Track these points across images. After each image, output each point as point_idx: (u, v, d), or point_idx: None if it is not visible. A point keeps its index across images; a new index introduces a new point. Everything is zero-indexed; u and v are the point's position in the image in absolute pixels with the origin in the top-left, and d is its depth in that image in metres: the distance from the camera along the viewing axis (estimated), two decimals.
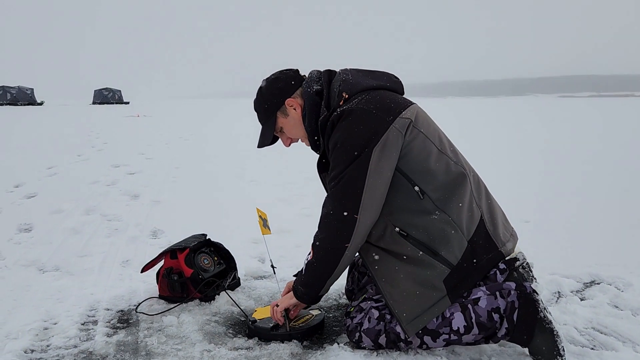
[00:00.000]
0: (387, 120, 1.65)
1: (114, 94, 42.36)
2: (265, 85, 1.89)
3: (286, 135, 1.94)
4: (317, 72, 1.89)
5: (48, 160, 6.87)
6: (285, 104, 1.86)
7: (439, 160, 1.69)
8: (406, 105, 1.73)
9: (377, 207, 1.68)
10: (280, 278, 2.49)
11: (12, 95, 35.32)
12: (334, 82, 1.80)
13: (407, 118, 1.68)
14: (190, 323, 1.99)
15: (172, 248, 2.27)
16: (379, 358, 1.70)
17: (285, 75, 1.88)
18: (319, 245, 1.75)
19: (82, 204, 4.20)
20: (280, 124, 1.91)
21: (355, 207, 1.65)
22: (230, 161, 6.82)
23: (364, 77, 1.80)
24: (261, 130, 1.94)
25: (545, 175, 5.71)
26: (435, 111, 9.99)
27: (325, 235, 1.73)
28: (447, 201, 1.67)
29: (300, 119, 1.86)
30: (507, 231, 1.82)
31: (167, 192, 4.79)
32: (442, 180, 1.68)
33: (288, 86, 1.86)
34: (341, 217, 1.67)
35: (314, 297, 1.84)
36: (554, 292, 2.28)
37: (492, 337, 1.66)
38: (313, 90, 1.82)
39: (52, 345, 1.84)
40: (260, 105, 1.90)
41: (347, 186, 1.65)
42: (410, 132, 1.67)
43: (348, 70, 1.84)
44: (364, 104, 1.68)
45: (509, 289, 1.65)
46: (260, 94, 1.90)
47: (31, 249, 2.97)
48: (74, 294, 2.30)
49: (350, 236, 1.67)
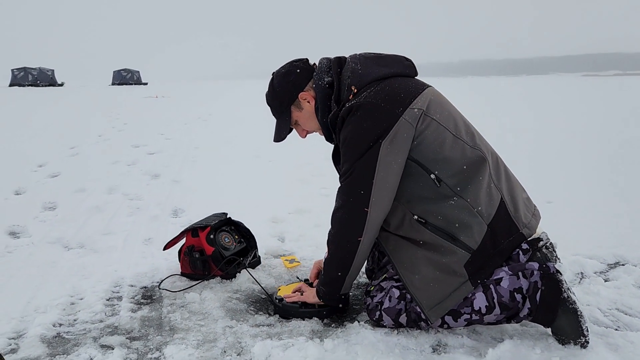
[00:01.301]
0: (396, 112, 1.63)
1: (132, 74, 42.62)
2: (277, 79, 1.87)
3: (301, 128, 1.94)
4: (326, 61, 1.85)
5: (70, 140, 6.97)
6: (298, 97, 1.85)
7: (454, 146, 1.67)
8: (418, 92, 1.70)
9: (388, 199, 1.68)
10: (300, 257, 2.51)
11: (34, 76, 35.77)
12: (344, 72, 1.78)
13: (418, 108, 1.65)
14: (212, 300, 2.02)
15: (194, 226, 2.30)
16: (399, 336, 1.71)
17: (296, 68, 1.86)
18: (333, 241, 1.76)
19: (104, 183, 4.27)
20: (295, 117, 1.90)
21: (365, 201, 1.65)
22: (249, 141, 6.84)
23: (373, 66, 1.76)
24: (276, 124, 1.93)
25: (568, 155, 5.60)
26: (456, 91, 9.74)
27: (337, 230, 1.74)
28: (464, 186, 1.65)
29: (314, 111, 1.85)
30: (529, 211, 1.80)
31: (186, 171, 4.83)
32: (459, 166, 1.65)
33: (300, 79, 1.84)
34: (352, 212, 1.67)
35: (336, 297, 1.84)
36: (577, 272, 2.25)
37: (514, 317, 1.65)
38: (325, 82, 1.80)
39: (79, 319, 1.89)
40: (273, 100, 1.89)
41: (356, 180, 1.65)
42: (422, 121, 1.64)
43: (357, 57, 1.80)
44: (372, 98, 1.65)
45: (531, 269, 1.63)
46: (273, 89, 1.88)
47: (56, 227, 3.03)
48: (98, 270, 2.35)
49: (362, 230, 1.67)
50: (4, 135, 7.37)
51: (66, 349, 1.68)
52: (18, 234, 2.90)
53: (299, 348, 1.63)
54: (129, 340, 1.73)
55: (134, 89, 32.11)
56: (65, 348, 1.68)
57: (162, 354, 1.64)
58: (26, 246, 2.69)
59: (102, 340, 1.73)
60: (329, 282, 1.81)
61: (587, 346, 1.57)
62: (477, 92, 22.56)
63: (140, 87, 34.95)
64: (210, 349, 1.66)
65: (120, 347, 1.68)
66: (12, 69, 36.23)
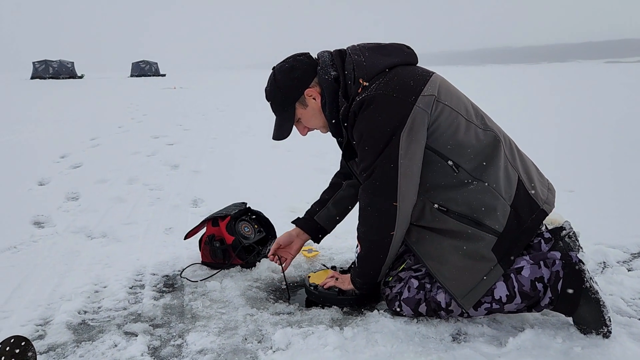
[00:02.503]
0: (410, 101, 1.60)
1: (150, 66, 42.90)
2: (280, 75, 1.79)
3: (303, 125, 1.89)
4: (329, 55, 1.80)
5: (91, 131, 7.07)
6: (304, 94, 1.79)
7: (468, 131, 1.65)
8: (426, 79, 1.66)
9: (415, 190, 1.66)
10: (319, 246, 2.52)
11: (54, 69, 36.24)
12: (347, 65, 1.72)
13: (430, 95, 1.62)
14: (232, 288, 2.04)
15: (214, 216, 2.32)
16: (419, 325, 1.71)
17: (300, 63, 1.79)
18: (365, 238, 1.74)
19: (125, 173, 4.33)
20: (298, 115, 1.84)
21: (393, 195, 1.63)
22: (266, 131, 6.85)
23: (377, 56, 1.72)
24: (277, 121, 1.86)
25: (590, 144, 5.50)
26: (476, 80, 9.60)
27: (367, 228, 1.72)
28: (483, 170, 1.63)
29: (320, 108, 1.80)
30: (544, 186, 1.78)
31: (205, 162, 4.87)
32: (474, 150, 1.64)
33: (306, 75, 1.78)
34: (381, 208, 1.65)
35: (373, 285, 1.84)
36: (600, 262, 2.22)
37: (535, 306, 1.64)
38: (331, 77, 1.74)
39: (103, 307, 1.93)
40: (276, 96, 1.82)
41: (381, 176, 1.62)
42: (435, 107, 1.62)
43: (358, 49, 1.76)
44: (383, 89, 1.62)
45: (553, 258, 1.62)
46: (276, 85, 1.80)
47: (79, 217, 3.09)
48: (121, 259, 2.39)
49: (394, 224, 1.65)
50: (27, 127, 7.51)
51: (91, 335, 1.72)
52: (42, 224, 2.97)
53: (319, 336, 1.65)
54: (151, 327, 1.77)
55: (153, 80, 32.37)
56: (91, 335, 1.72)
57: (184, 340, 1.67)
58: (50, 235, 2.75)
59: (126, 327, 1.76)
60: (366, 274, 1.81)
61: (609, 336, 1.55)
62: (499, 80, 22.22)
63: (158, 79, 35.22)
64: (232, 337, 1.69)
65: (143, 334, 1.71)
66: (33, 62, 36.76)
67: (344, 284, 1.89)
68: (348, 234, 2.48)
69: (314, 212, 2.12)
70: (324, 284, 1.92)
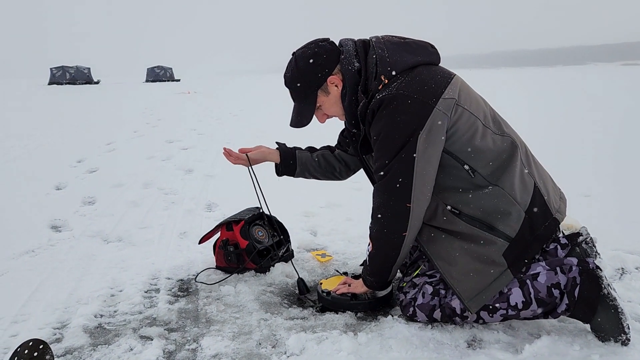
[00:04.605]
0: (430, 103, 1.58)
1: (165, 71, 43.35)
2: (303, 61, 1.75)
3: (322, 112, 1.86)
4: (352, 44, 1.75)
5: (106, 136, 7.15)
6: (327, 81, 1.76)
7: (485, 136, 1.64)
8: (447, 81, 1.64)
9: (429, 192, 1.65)
10: (333, 251, 2.52)
11: (71, 75, 36.77)
12: (369, 59, 1.70)
13: (450, 98, 1.60)
14: (246, 293, 2.05)
15: (228, 220, 2.33)
16: (433, 331, 1.70)
17: (323, 49, 1.75)
18: (377, 237, 1.73)
19: (140, 178, 4.37)
20: (319, 102, 1.81)
21: (406, 196, 1.62)
22: (279, 136, 6.86)
23: (400, 52, 1.69)
24: (297, 108, 1.84)
25: (606, 148, 5.43)
26: (490, 84, 9.54)
27: (380, 228, 1.71)
28: (499, 175, 1.62)
29: (340, 96, 1.78)
30: (557, 194, 1.77)
31: (219, 166, 4.89)
32: (491, 155, 1.63)
33: (330, 62, 1.74)
34: (395, 209, 1.65)
35: (384, 284, 1.85)
36: (618, 268, 2.19)
37: (551, 313, 1.62)
38: (355, 68, 1.71)
39: (119, 310, 1.95)
40: (297, 83, 1.78)
41: (396, 177, 1.61)
42: (455, 111, 1.60)
43: (382, 42, 1.72)
44: (404, 89, 1.60)
45: (570, 264, 1.60)
46: (298, 71, 1.76)
47: (95, 221, 3.13)
48: (136, 263, 2.41)
49: (407, 225, 1.65)
50: (44, 132, 7.62)
51: (107, 339, 1.73)
52: (60, 228, 3.01)
53: (333, 341, 1.65)
54: (167, 331, 1.78)
55: (167, 85, 32.68)
56: (107, 338, 1.74)
57: (199, 345, 1.68)
58: (67, 239, 2.78)
59: (142, 331, 1.78)
60: (377, 272, 1.81)
61: (628, 343, 1.53)
62: (513, 84, 22.04)
63: (173, 84, 35.55)
64: (246, 341, 1.69)
65: (158, 338, 1.73)
66: (50, 68, 37.34)
67: (357, 288, 1.88)
68: (361, 238, 2.48)
69: (300, 149, 2.20)
70: (336, 290, 1.92)
